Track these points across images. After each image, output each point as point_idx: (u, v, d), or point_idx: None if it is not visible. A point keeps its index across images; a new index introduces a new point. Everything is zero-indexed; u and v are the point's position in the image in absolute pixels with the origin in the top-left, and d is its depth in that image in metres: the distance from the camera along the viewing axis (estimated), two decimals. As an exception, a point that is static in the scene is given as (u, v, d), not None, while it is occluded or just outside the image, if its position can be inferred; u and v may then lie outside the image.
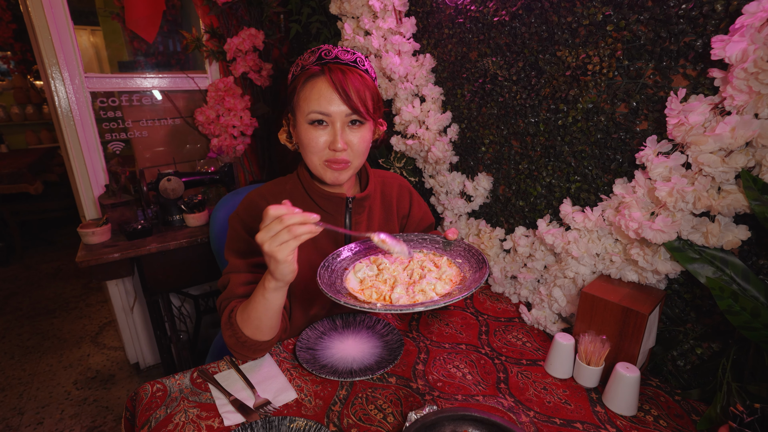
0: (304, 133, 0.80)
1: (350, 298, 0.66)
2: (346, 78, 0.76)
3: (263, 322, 0.74)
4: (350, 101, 0.76)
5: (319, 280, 0.67)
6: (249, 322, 0.74)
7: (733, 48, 0.59)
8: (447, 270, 0.73)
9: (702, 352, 0.77)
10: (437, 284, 0.68)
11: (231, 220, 0.88)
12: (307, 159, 0.83)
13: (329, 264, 0.74)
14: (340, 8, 1.38)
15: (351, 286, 0.71)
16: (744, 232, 0.66)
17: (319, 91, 0.77)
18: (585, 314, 0.80)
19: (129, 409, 0.75)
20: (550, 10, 0.88)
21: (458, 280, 0.71)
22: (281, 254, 0.62)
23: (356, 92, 0.76)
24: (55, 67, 1.61)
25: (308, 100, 0.78)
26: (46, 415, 1.80)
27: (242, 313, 0.75)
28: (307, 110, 0.78)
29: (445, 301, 0.61)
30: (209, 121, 1.87)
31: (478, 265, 0.70)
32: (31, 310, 2.65)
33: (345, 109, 0.77)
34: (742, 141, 0.61)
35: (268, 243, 0.62)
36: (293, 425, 0.64)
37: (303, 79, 0.79)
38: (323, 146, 0.80)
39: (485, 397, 0.75)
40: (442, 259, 0.77)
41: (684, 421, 0.70)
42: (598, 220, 0.84)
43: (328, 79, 0.76)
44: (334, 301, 0.69)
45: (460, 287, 0.67)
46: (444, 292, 0.67)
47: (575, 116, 0.88)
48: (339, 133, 0.78)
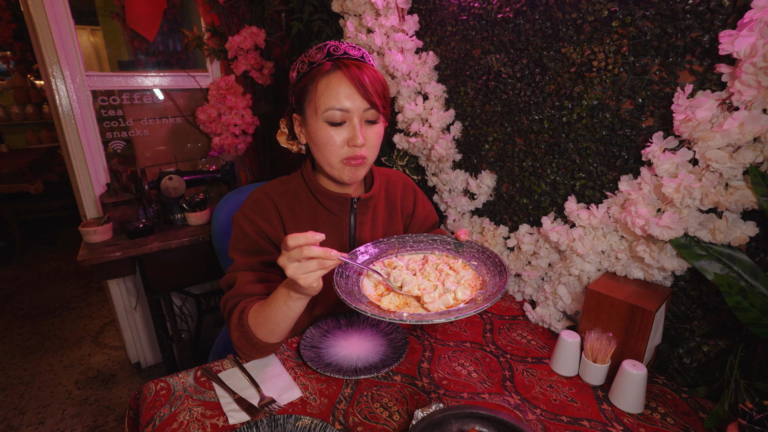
0: (321, 132, 0.78)
1: (374, 307, 0.64)
2: (363, 73, 0.75)
3: (280, 327, 0.73)
4: (369, 95, 0.75)
5: (337, 290, 0.65)
6: (265, 325, 0.73)
7: (741, 43, 0.58)
8: (465, 274, 0.71)
9: (709, 350, 0.77)
10: (458, 290, 0.67)
11: (236, 218, 0.86)
12: (323, 158, 0.81)
13: (343, 270, 0.72)
14: (342, 6, 1.37)
15: (368, 293, 0.70)
16: (752, 229, 0.66)
17: (337, 87, 0.75)
18: (591, 312, 0.80)
19: (132, 407, 0.75)
20: (555, 6, 0.88)
21: (478, 284, 0.69)
22: (306, 281, 0.62)
23: (373, 86, 0.75)
24: (56, 66, 1.60)
25: (325, 97, 0.75)
26: (47, 415, 1.79)
27: (256, 316, 0.74)
28: (324, 107, 0.76)
29: (475, 309, 0.59)
30: (210, 119, 1.86)
31: (496, 268, 0.69)
32: (31, 310, 2.65)
33: (363, 104, 0.76)
34: (750, 137, 0.61)
35: (292, 270, 0.62)
36: (299, 423, 0.64)
37: (315, 76, 0.77)
38: (341, 144, 0.78)
39: (491, 395, 0.74)
40: (458, 262, 0.76)
41: (691, 418, 0.69)
42: (603, 217, 0.84)
43: (346, 75, 0.75)
44: (357, 311, 0.67)
45: (483, 292, 0.65)
46: (466, 299, 0.65)
47: (580, 113, 0.88)
48: (358, 129, 0.77)
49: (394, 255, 0.80)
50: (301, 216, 0.88)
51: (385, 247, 0.81)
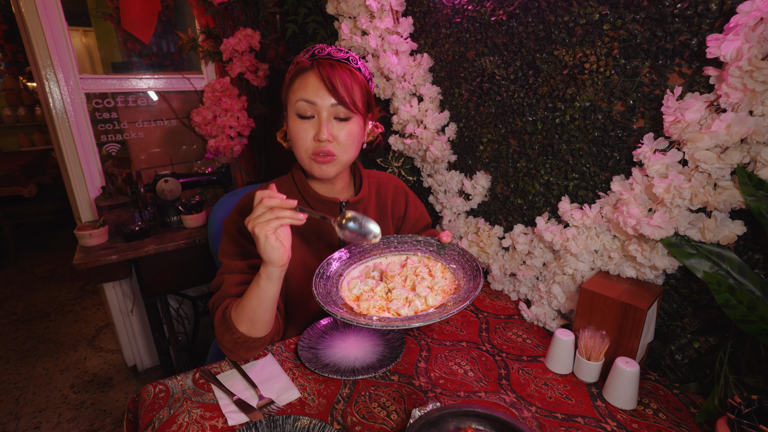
0: (293, 125, 0.81)
1: (346, 309, 0.65)
2: (335, 71, 0.77)
3: (258, 315, 0.74)
4: (336, 92, 0.76)
5: (314, 291, 0.66)
6: (244, 315, 0.75)
7: (727, 46, 0.60)
8: (440, 281, 0.72)
9: (699, 346, 0.78)
10: (428, 296, 0.67)
11: (225, 224, 0.88)
12: (296, 153, 0.84)
13: (324, 271, 0.74)
14: (337, 8, 1.38)
15: (346, 295, 0.71)
16: (740, 228, 0.67)
17: (306, 83, 0.78)
18: (584, 310, 0.81)
19: (131, 410, 0.75)
20: (547, 9, 0.89)
21: (452, 288, 0.70)
22: (262, 231, 0.66)
23: (343, 85, 0.77)
24: (49, 69, 1.59)
25: (297, 91, 0.79)
26: (43, 420, 1.78)
27: (237, 309, 0.76)
28: (294, 99, 0.79)
29: (441, 315, 0.60)
30: (206, 121, 1.86)
31: (473, 273, 0.69)
32: (26, 314, 2.63)
33: (331, 101, 0.77)
34: (737, 138, 0.62)
35: (251, 223, 0.67)
36: (298, 424, 0.65)
37: (293, 73, 0.81)
38: (309, 138, 0.80)
39: (487, 394, 0.75)
40: (437, 265, 0.76)
41: (683, 413, 0.71)
42: (596, 217, 0.85)
43: (315, 71, 0.77)
44: (328, 313, 0.67)
45: (455, 297, 0.66)
46: (437, 304, 0.66)
47: (573, 114, 0.89)
48: (324, 123, 0.78)
49: (378, 255, 0.81)
50: None
51: (369, 247, 0.82)
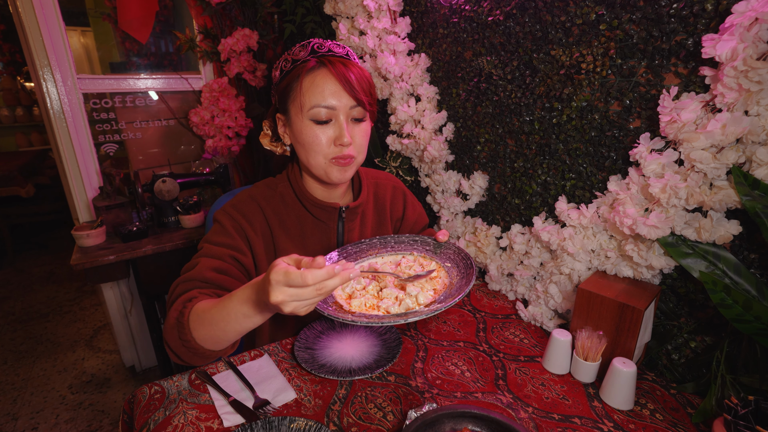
0: (307, 131, 0.76)
1: (335, 308, 0.65)
2: (348, 70, 0.73)
3: (228, 339, 0.64)
4: (355, 92, 0.73)
5: None
6: (209, 329, 0.63)
7: (723, 47, 0.60)
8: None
9: (696, 346, 0.78)
10: (419, 295, 0.67)
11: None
12: (309, 159, 0.79)
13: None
14: (335, 8, 1.38)
15: (339, 294, 0.70)
16: (735, 227, 0.67)
17: (322, 84, 0.73)
18: (582, 310, 0.81)
19: (126, 411, 0.75)
20: (544, 9, 0.89)
21: (444, 286, 0.70)
22: (304, 311, 0.55)
23: (359, 84, 0.74)
24: (46, 69, 1.59)
25: (310, 94, 0.73)
26: (41, 420, 1.78)
27: (201, 316, 0.63)
28: (309, 105, 0.74)
29: (428, 312, 0.59)
30: (204, 122, 1.86)
31: (466, 271, 0.69)
32: (23, 315, 2.62)
33: (349, 102, 0.74)
34: (732, 138, 0.62)
35: (293, 306, 0.53)
36: (293, 425, 0.65)
37: (299, 73, 0.75)
38: (328, 143, 0.76)
39: (484, 394, 0.75)
40: (431, 264, 0.77)
41: (680, 414, 0.71)
42: (593, 216, 0.85)
43: (332, 71, 0.73)
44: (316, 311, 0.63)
45: (446, 294, 0.66)
46: (427, 302, 0.66)
47: (569, 114, 0.89)
48: (344, 127, 0.75)
49: (374, 255, 0.81)
50: (289, 222, 0.87)
51: (366, 247, 0.82)
